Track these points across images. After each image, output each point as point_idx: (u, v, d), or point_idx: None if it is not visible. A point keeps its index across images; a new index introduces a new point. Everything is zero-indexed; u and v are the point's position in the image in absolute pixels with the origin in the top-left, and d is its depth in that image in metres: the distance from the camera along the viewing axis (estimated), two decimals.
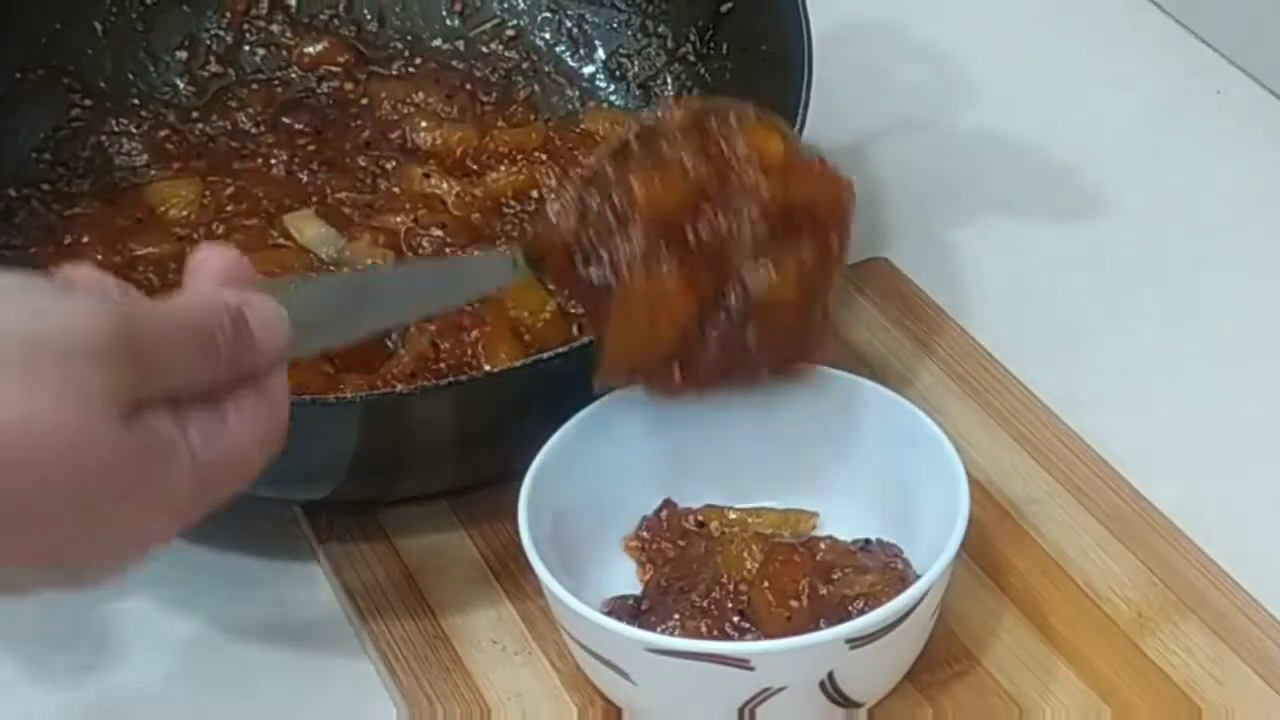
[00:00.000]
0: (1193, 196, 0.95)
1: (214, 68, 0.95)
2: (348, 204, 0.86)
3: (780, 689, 0.65)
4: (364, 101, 0.93)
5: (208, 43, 0.95)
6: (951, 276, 0.90)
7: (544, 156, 0.87)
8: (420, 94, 0.92)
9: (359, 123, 0.91)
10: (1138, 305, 0.89)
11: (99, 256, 0.83)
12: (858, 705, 0.68)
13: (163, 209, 0.86)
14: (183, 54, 0.94)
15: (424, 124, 0.90)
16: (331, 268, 0.82)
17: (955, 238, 0.93)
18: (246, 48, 0.95)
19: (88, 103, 0.91)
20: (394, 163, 0.88)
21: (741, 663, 0.64)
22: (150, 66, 0.94)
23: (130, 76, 0.93)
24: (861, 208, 0.95)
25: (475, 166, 0.88)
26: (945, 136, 1.00)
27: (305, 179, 0.88)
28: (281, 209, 0.85)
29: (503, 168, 0.87)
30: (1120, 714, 0.69)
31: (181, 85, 0.94)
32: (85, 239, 0.84)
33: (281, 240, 0.84)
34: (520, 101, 0.93)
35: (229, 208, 0.86)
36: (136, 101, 0.92)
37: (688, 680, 0.65)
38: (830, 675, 0.65)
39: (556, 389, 0.72)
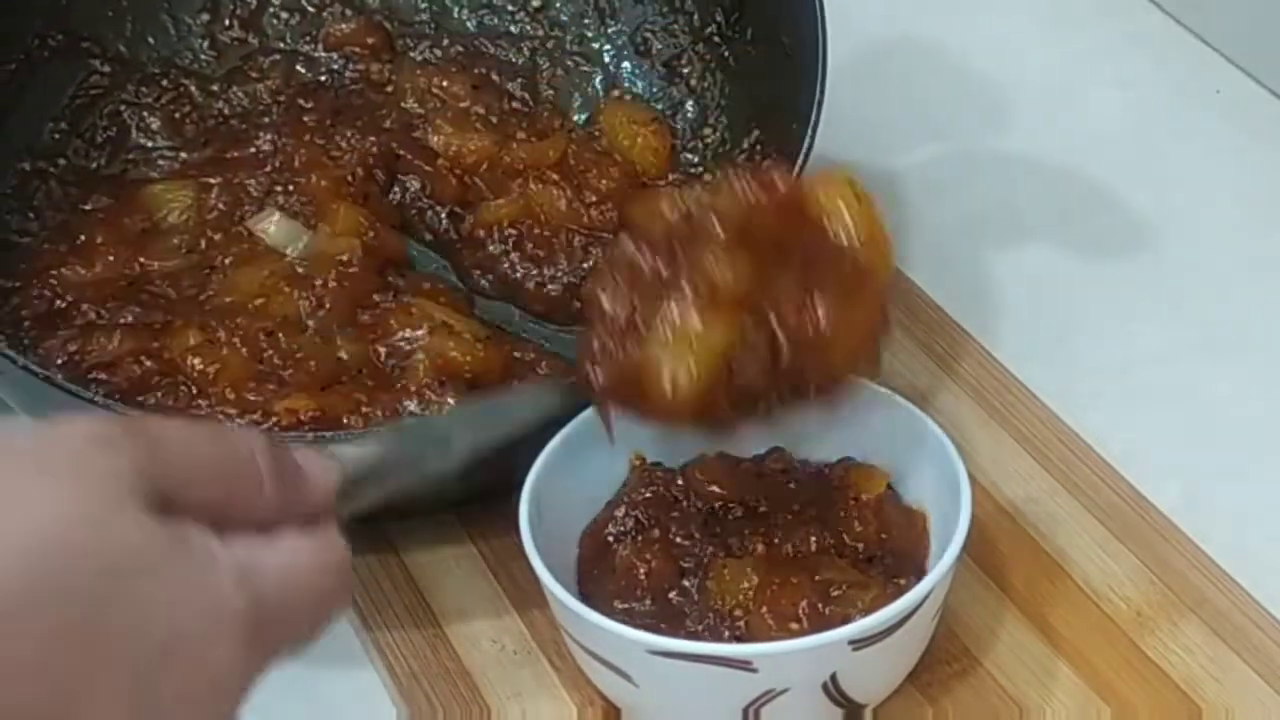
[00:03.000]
0: (1193, 196, 0.95)
1: (236, 32, 0.94)
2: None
3: (783, 691, 0.65)
4: (389, 89, 0.92)
5: (230, 5, 0.94)
6: (951, 277, 0.90)
7: (555, 176, 0.86)
8: (445, 82, 0.91)
9: (382, 111, 0.90)
10: (1138, 305, 0.89)
11: (111, 258, 0.82)
12: (860, 706, 0.68)
13: (162, 214, 0.85)
14: (205, 16, 0.94)
15: (447, 128, 0.88)
16: (300, 264, 0.81)
17: (956, 239, 0.93)
18: (270, 11, 0.94)
19: (106, 69, 0.91)
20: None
21: (744, 665, 0.64)
22: (171, 28, 0.93)
23: (151, 40, 0.93)
24: None
25: (481, 184, 0.87)
26: (944, 137, 1.00)
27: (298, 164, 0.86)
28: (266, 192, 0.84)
29: (514, 186, 0.86)
30: (1120, 714, 0.69)
31: (202, 49, 0.93)
32: (100, 239, 0.83)
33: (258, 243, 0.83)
34: (545, 101, 0.92)
35: (219, 207, 0.84)
36: (156, 70, 0.92)
37: (690, 682, 0.65)
38: (833, 677, 0.65)
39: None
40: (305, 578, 0.49)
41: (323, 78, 0.93)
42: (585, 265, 0.83)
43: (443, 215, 0.86)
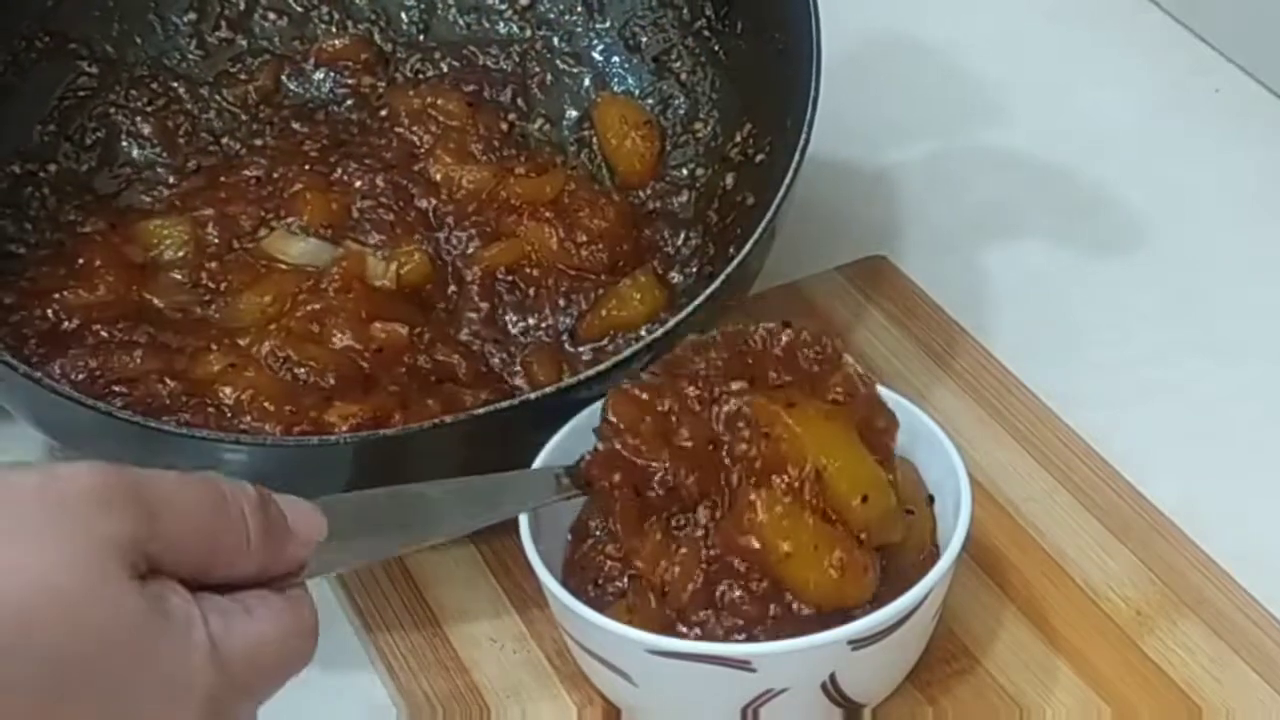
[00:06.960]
0: (1192, 195, 0.95)
1: (224, 33, 0.93)
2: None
3: (782, 690, 0.65)
4: (383, 114, 0.90)
5: (218, 6, 0.93)
6: (951, 275, 0.90)
7: (549, 214, 0.84)
8: (440, 100, 0.90)
9: (380, 141, 0.89)
10: (1137, 305, 0.89)
11: (111, 279, 0.81)
12: (860, 706, 0.68)
13: (157, 251, 0.83)
14: (192, 15, 0.93)
15: (447, 158, 0.87)
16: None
17: (955, 237, 0.93)
18: (258, 12, 0.94)
19: (93, 70, 0.90)
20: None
21: (743, 664, 0.64)
22: (158, 28, 0.92)
23: (138, 41, 0.92)
24: (862, 206, 0.96)
25: (481, 221, 0.86)
26: (944, 135, 1.00)
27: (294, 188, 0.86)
28: (259, 223, 0.84)
29: (508, 223, 0.85)
30: (1120, 713, 0.69)
31: (189, 49, 0.92)
32: (98, 263, 0.82)
33: (267, 264, 0.83)
34: (538, 107, 0.91)
35: (214, 239, 0.84)
36: (144, 72, 0.91)
37: (689, 682, 0.65)
38: (832, 676, 0.65)
39: (543, 419, 0.72)
40: (274, 647, 0.51)
41: (315, 94, 0.92)
42: (569, 312, 0.83)
43: None
